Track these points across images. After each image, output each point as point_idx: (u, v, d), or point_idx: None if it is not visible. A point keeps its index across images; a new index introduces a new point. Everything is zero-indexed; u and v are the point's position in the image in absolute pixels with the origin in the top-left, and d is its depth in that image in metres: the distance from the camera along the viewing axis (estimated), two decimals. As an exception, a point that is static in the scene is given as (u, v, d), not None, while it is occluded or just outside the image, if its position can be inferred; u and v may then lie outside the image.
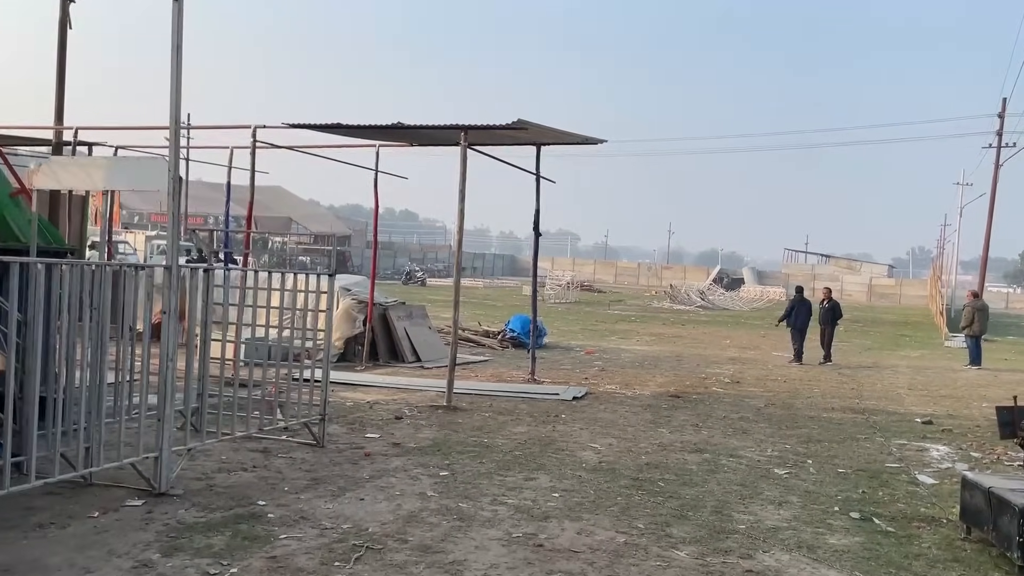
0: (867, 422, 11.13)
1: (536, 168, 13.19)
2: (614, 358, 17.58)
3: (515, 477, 7.11)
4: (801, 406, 12.25)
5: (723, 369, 16.56)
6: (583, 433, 9.24)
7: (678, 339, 23.58)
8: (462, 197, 10.54)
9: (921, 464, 8.60)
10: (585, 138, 12.56)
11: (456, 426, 9.23)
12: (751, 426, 10.29)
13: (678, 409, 11.29)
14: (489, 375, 13.77)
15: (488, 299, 40.20)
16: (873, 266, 79.95)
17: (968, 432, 10.65)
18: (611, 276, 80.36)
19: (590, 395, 12.04)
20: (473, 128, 10.29)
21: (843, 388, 14.65)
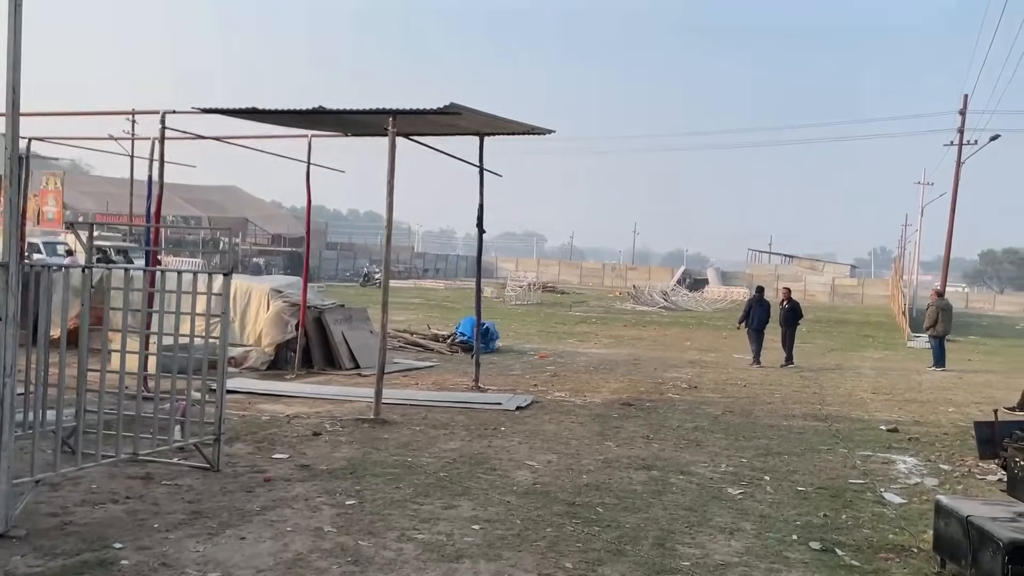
0: (830, 431, 10.42)
1: (479, 160, 12.32)
2: (569, 362, 16.77)
3: (433, 505, 6.22)
4: (760, 413, 11.52)
5: (681, 373, 15.82)
6: (521, 448, 8.37)
7: (638, 341, 22.86)
8: (390, 190, 9.62)
9: (887, 480, 7.87)
10: (531, 128, 11.70)
11: (380, 443, 8.31)
12: (706, 437, 9.51)
13: (629, 418, 10.48)
14: (431, 383, 12.85)
15: (448, 300, 39.25)
16: (836, 266, 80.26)
17: (936, 441, 9.98)
18: (576, 277, 79.76)
19: (536, 404, 11.19)
20: (401, 113, 9.38)
21: (805, 392, 13.97)
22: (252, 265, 51.79)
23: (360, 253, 71.18)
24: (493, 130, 11.84)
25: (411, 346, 17.67)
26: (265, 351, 13.50)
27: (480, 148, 12.25)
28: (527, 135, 12.06)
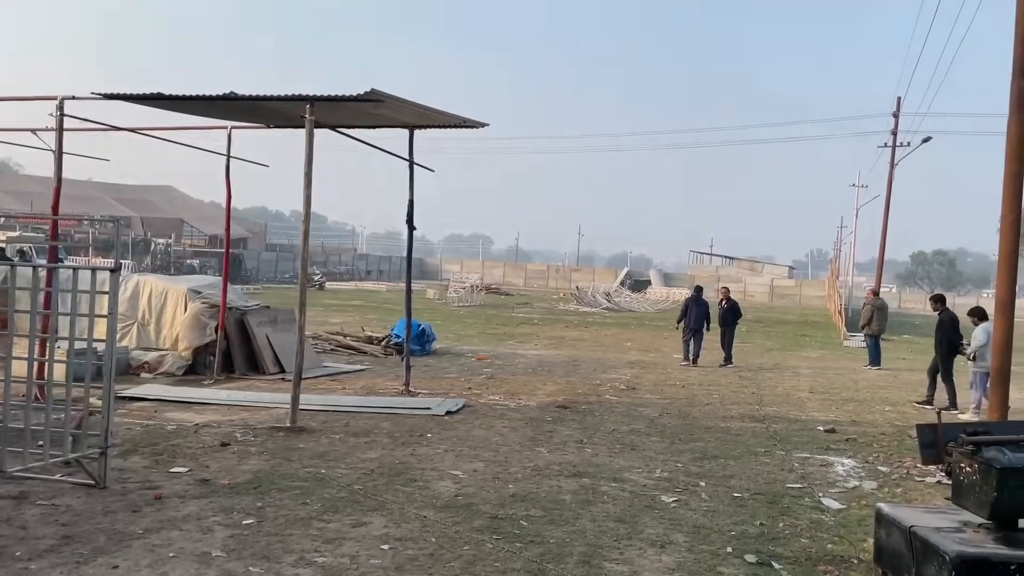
0: (767, 432, 10.18)
1: (409, 154, 11.80)
2: (507, 364, 16.32)
3: (341, 522, 5.68)
4: (698, 414, 11.24)
5: (620, 374, 15.51)
6: (446, 457, 7.87)
7: (579, 342, 22.55)
8: (308, 182, 9.02)
9: (826, 483, 7.60)
10: (463, 120, 11.22)
11: (294, 453, 7.72)
12: (642, 440, 9.15)
13: (564, 422, 10.07)
14: (359, 387, 12.25)
15: (389, 302, 38.47)
16: (774, 267, 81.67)
17: (873, 441, 9.81)
18: (521, 279, 79.57)
19: (468, 408, 10.70)
20: (319, 99, 8.80)
21: (743, 393, 13.78)
22: (187, 267, 50.16)
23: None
24: (423, 122, 11.34)
25: (343, 349, 17.02)
26: (182, 355, 12.73)
27: (410, 141, 11.74)
28: (459, 128, 11.58)
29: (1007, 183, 8.00)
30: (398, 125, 11.68)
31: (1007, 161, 8.01)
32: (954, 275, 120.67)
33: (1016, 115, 7.97)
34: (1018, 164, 7.90)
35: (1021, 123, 7.93)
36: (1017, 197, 7.94)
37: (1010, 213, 8.04)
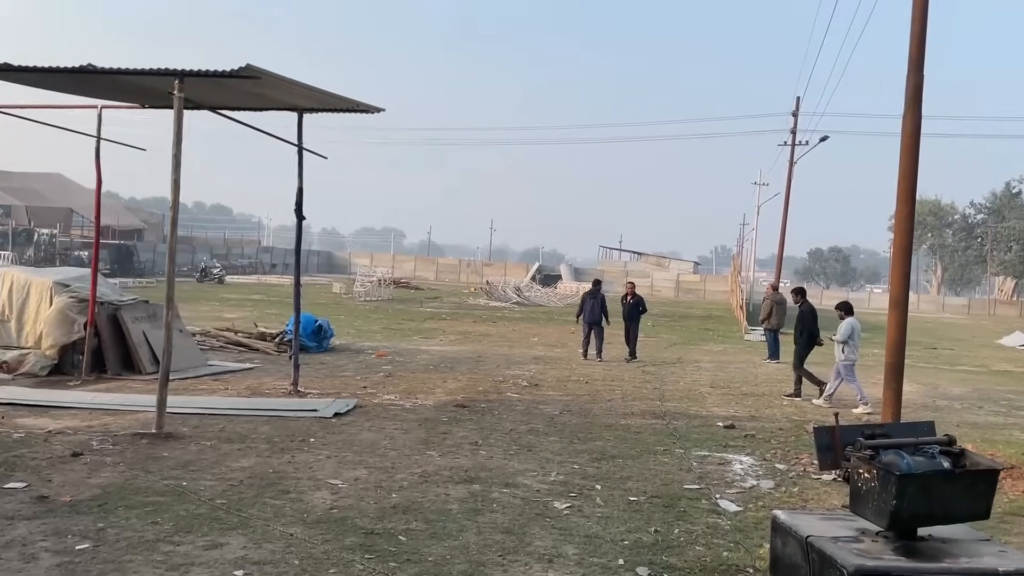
0: (667, 429, 9.98)
1: (298, 138, 11.07)
2: (408, 361, 15.74)
3: (193, 544, 5.05)
4: (599, 412, 10.97)
5: (524, 370, 15.16)
6: (328, 464, 7.29)
7: (485, 337, 22.14)
8: (176, 165, 8.23)
9: (723, 483, 7.39)
10: (355, 104, 10.58)
11: (155, 463, 6.98)
12: (539, 441, 8.77)
13: (460, 422, 9.60)
14: (244, 387, 11.46)
15: (291, 297, 37.16)
16: (680, 263, 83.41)
17: (771, 437, 9.73)
18: (432, 273, 78.71)
19: (359, 409, 10.09)
20: (190, 75, 8.03)
21: (645, 388, 13.63)
22: (74, 259, 47.22)
23: (201, 247, 66.83)
24: (313, 105, 10.65)
25: (233, 346, 16.07)
26: (46, 354, 11.65)
27: (299, 124, 11.02)
28: (352, 112, 10.93)
29: (902, 177, 7.97)
30: (287, 108, 10.95)
31: (902, 155, 7.99)
32: (848, 271, 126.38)
33: (911, 110, 7.95)
34: (912, 158, 7.88)
35: (916, 118, 7.91)
36: (912, 192, 7.92)
37: (905, 207, 8.03)
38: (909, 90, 8.01)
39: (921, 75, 8.00)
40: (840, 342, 12.38)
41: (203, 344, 15.80)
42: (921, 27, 8.03)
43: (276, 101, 10.47)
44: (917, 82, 7.94)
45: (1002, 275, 78.80)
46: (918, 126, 7.91)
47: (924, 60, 8.02)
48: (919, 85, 7.97)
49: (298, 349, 11.35)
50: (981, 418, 12.46)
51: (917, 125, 7.91)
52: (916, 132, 7.90)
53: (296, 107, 10.85)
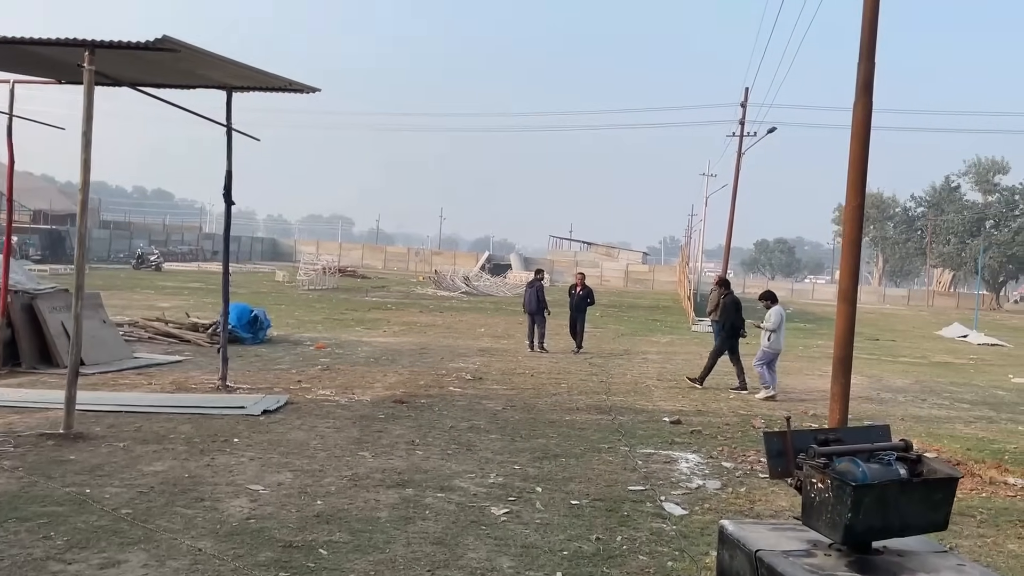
0: (613, 425, 9.70)
1: (227, 118, 10.46)
2: (348, 353, 15.21)
3: (88, 563, 4.54)
4: (544, 407, 10.64)
5: (469, 363, 14.77)
6: (250, 467, 6.80)
7: (431, 328, 21.67)
8: (86, 143, 7.59)
9: (668, 483, 7.11)
10: (288, 83, 9.99)
11: (58, 468, 6.41)
12: (480, 439, 8.40)
13: (398, 419, 9.17)
14: (169, 382, 10.83)
15: (232, 285, 36.01)
16: (630, 253, 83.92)
17: (718, 433, 9.51)
18: (380, 262, 77.70)
19: (291, 406, 9.58)
20: (101, 46, 7.39)
21: (592, 382, 13.37)
22: (2, 244, 45.26)
23: (139, 232, 64.78)
24: (242, 82, 10.04)
25: (162, 337, 15.34)
26: (-48, 347, 10.84)
27: (228, 104, 10.42)
28: (285, 91, 10.35)
29: (852, 167, 7.77)
30: (215, 86, 10.33)
31: (852, 144, 7.79)
32: (793, 262, 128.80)
33: (862, 99, 7.75)
34: (862, 148, 7.68)
35: (867, 107, 7.71)
36: (862, 182, 7.73)
37: (855, 198, 7.83)
38: (860, 79, 7.80)
39: (872, 64, 7.81)
40: (771, 330, 12.31)
41: (130, 336, 15.05)
42: (873, 14, 7.83)
43: (203, 78, 9.85)
44: (868, 70, 7.74)
45: (941, 267, 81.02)
46: (869, 115, 7.71)
47: (875, 48, 7.83)
48: (870, 73, 7.77)
49: (226, 341, 10.75)
50: (925, 411, 12.50)
51: (868, 114, 7.71)
52: (867, 121, 7.71)
53: (226, 85, 10.24)
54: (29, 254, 46.40)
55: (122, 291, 28.55)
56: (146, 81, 9.82)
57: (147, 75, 9.52)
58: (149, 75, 9.52)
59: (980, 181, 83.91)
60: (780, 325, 12.35)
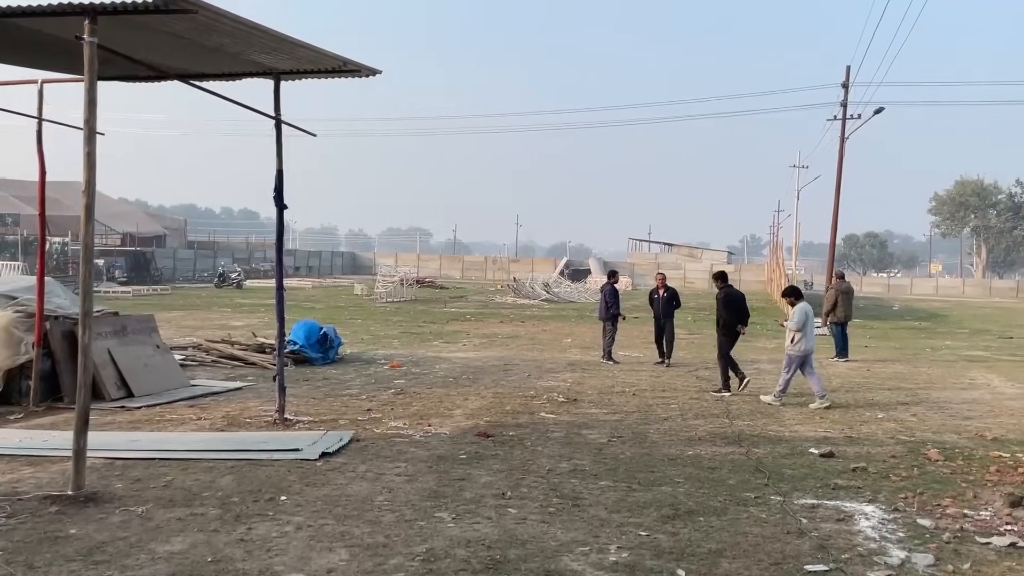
0: (749, 460, 7.78)
1: (275, 109, 9.02)
2: (425, 372, 13.68)
3: None
4: (657, 436, 8.79)
5: (559, 380, 13.02)
6: (296, 540, 5.21)
7: (513, 340, 20.03)
8: (90, 135, 6.13)
9: (857, 557, 5.17)
10: (344, 63, 8.50)
11: (49, 548, 4.94)
12: (587, 488, 6.63)
13: (483, 460, 7.48)
14: (221, 416, 9.44)
15: (311, 300, 35.41)
16: (714, 253, 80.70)
17: (888, 470, 7.47)
18: (458, 271, 76.87)
19: (356, 444, 8.02)
20: (104, 12, 5.96)
21: (705, 400, 11.44)
22: (90, 267, 45.82)
23: (223, 252, 65.48)
24: (289, 64, 8.58)
25: (227, 360, 14.11)
26: (-13, 381, 9.74)
27: (275, 91, 9.00)
28: (339, 74, 8.85)
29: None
30: (260, 72, 8.92)
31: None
32: (885, 256, 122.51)
33: None
34: None
35: None
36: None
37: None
38: None
39: None
40: (794, 330, 11.15)
41: (192, 360, 13.89)
42: None
43: (245, 63, 8.44)
44: None
45: (1054, 255, 74.96)
46: None
47: None
48: None
49: (283, 368, 9.25)
50: None
51: None
52: None
53: (272, 70, 8.81)
54: (116, 276, 46.97)
55: (199, 310, 27.96)
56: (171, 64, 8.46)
57: (172, 57, 8.15)
58: (174, 57, 8.15)
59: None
60: (806, 324, 11.11)
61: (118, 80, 9.45)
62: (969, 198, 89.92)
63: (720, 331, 12.62)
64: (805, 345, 11.12)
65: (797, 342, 11.13)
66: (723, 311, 12.59)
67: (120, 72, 9.20)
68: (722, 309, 12.63)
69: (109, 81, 9.44)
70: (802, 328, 11.11)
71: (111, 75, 9.27)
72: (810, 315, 11.27)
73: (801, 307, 11.31)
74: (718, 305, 12.79)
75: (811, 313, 11.33)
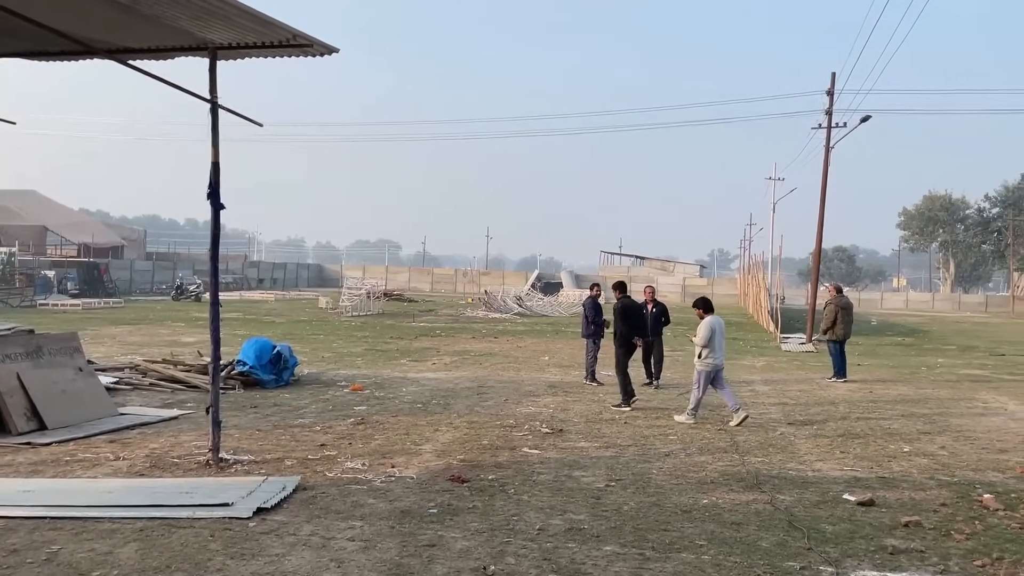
0: (777, 511, 6.50)
1: (210, 91, 7.60)
2: (390, 396, 12.27)
3: None
4: (663, 479, 7.48)
5: (540, 406, 11.68)
6: (204, 651, 3.79)
7: (487, 357, 18.66)
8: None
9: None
10: (292, 35, 7.12)
11: None
12: (589, 556, 5.28)
13: (457, 516, 6.10)
14: (146, 454, 7.94)
15: (271, 314, 33.73)
16: (686, 266, 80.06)
17: (947, 526, 6.22)
18: (427, 284, 75.36)
19: (303, 493, 6.59)
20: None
21: (706, 429, 10.17)
22: (41, 279, 43.64)
23: (183, 264, 63.22)
24: (226, 35, 7.19)
25: (166, 383, 12.54)
26: None
27: (211, 69, 7.56)
28: (286, 49, 7.47)
29: None
30: (193, 48, 7.52)
31: None
32: (853, 271, 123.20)
33: None
34: None
35: None
36: None
37: None
38: None
39: None
40: (700, 345, 10.79)
41: (126, 383, 12.32)
42: None
43: (172, 31, 7.04)
44: None
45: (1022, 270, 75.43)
46: None
47: None
48: None
49: (217, 399, 7.76)
50: None
51: None
52: None
53: (206, 43, 7.41)
54: (68, 288, 44.77)
55: (151, 324, 26.21)
56: (101, 42, 7.05)
57: (91, 28, 6.74)
58: (93, 27, 6.74)
59: (1059, 177, 78.38)
60: (712, 339, 10.74)
61: (25, 57, 7.98)
62: (938, 213, 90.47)
63: (616, 343, 12.11)
64: (714, 360, 10.76)
65: (705, 357, 10.75)
66: (620, 323, 12.12)
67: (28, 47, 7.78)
68: (619, 320, 12.15)
69: (12, 57, 7.99)
70: (709, 343, 10.73)
71: (17, 50, 7.84)
72: (717, 329, 10.88)
73: (708, 321, 10.92)
74: (615, 316, 12.32)
75: (719, 327, 10.96)
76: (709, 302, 11.42)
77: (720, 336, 10.95)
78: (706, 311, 11.11)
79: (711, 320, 10.94)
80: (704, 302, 11.37)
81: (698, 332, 10.91)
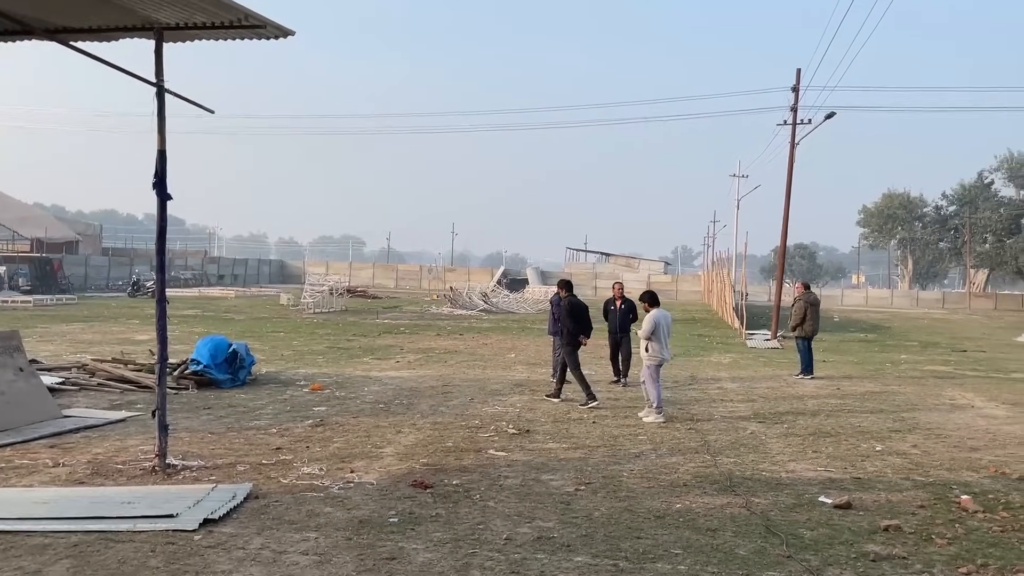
0: (753, 515, 6.26)
1: (157, 74, 7.14)
2: (352, 396, 11.86)
3: None
4: (633, 482, 7.22)
5: (507, 405, 11.38)
6: None
7: (452, 356, 18.29)
8: None
9: None
10: (244, 15, 6.70)
11: None
12: (560, 569, 4.98)
13: (420, 525, 5.77)
14: (84, 462, 7.46)
15: (231, 311, 32.98)
16: (651, 263, 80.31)
17: (927, 530, 6.03)
18: (392, 280, 74.58)
19: (254, 502, 6.20)
20: None
21: (677, 429, 9.94)
22: (-15, 275, 42.17)
23: (141, 260, 61.71)
24: (176, 15, 6.74)
25: (116, 383, 11.99)
26: None
27: (157, 50, 7.11)
28: (238, 32, 7.04)
29: None
30: (137, 28, 7.06)
31: None
32: (814, 268, 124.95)
33: None
34: None
35: None
36: None
37: None
38: None
39: None
40: (644, 338, 10.84)
41: (73, 383, 11.75)
42: None
43: (114, 7, 6.57)
44: None
45: (978, 267, 77.04)
46: None
47: None
48: None
49: (164, 400, 7.30)
50: None
51: None
52: None
53: (153, 23, 6.95)
54: (20, 284, 43.36)
55: (104, 322, 25.38)
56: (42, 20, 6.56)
57: (27, 6, 6.25)
58: (28, 6, 6.26)
59: (1014, 176, 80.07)
60: (657, 331, 10.81)
61: None
62: (896, 210, 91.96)
63: (564, 341, 12.01)
64: (661, 354, 10.83)
65: (652, 352, 10.77)
66: (567, 320, 11.94)
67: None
68: (566, 318, 11.97)
69: None
70: (653, 335, 10.79)
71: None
72: (662, 322, 10.93)
73: (652, 314, 10.94)
74: (561, 314, 12.17)
75: (664, 321, 10.99)
76: (655, 296, 11.42)
77: (665, 329, 10.98)
78: (652, 304, 11.12)
79: (656, 313, 10.96)
80: (650, 296, 11.38)
81: (643, 325, 10.95)
